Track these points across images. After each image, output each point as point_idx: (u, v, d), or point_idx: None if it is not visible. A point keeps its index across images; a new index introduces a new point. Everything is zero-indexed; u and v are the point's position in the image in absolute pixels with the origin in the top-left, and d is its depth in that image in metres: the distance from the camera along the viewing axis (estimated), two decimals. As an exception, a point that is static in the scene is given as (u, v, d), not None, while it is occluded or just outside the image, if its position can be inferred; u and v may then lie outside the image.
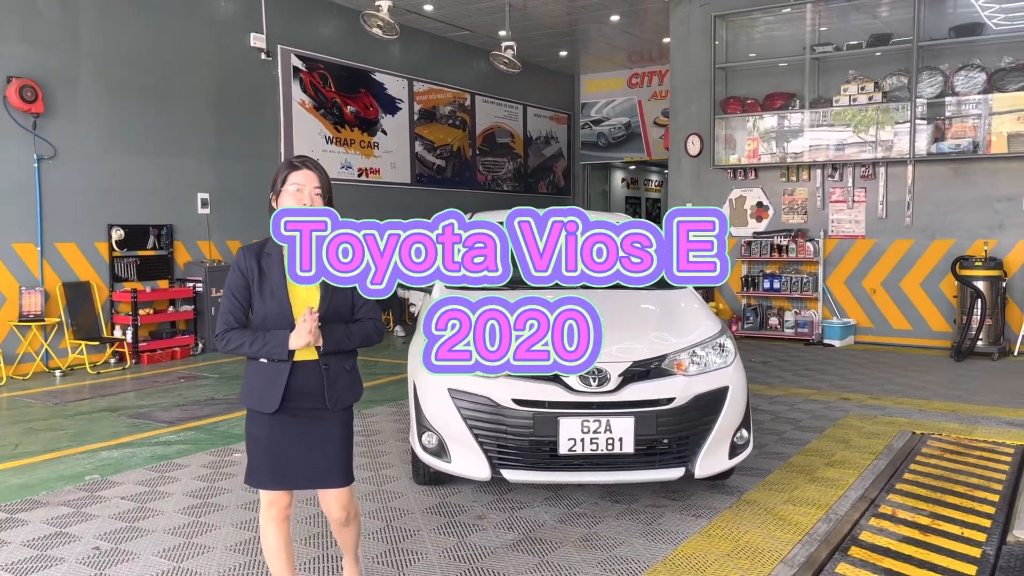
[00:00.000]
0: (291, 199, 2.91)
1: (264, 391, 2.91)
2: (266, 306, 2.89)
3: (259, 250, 2.97)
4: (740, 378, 4.48)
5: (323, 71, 12.12)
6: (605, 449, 4.09)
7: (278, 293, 2.89)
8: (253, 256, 2.95)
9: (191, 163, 10.39)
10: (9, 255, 8.67)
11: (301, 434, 2.95)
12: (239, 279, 2.93)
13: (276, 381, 2.90)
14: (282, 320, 2.88)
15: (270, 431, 2.93)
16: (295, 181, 2.92)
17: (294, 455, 2.95)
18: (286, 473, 2.96)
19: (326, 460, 3.00)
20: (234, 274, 2.95)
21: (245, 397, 2.97)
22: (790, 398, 7.45)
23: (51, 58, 8.93)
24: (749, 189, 11.77)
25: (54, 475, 5.20)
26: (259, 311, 2.92)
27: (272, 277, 2.90)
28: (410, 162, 13.74)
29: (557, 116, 17.70)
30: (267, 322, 2.90)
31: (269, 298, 2.89)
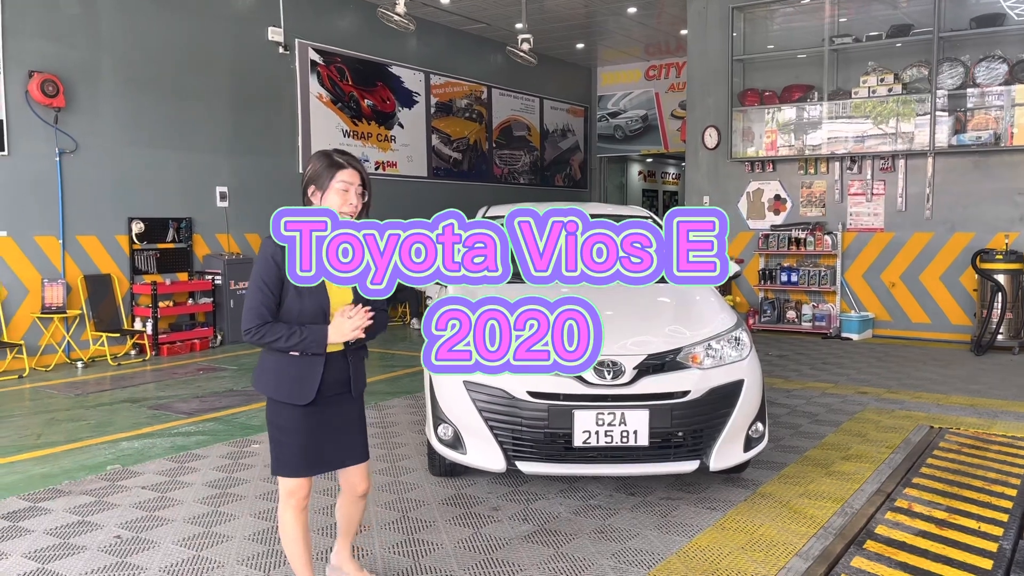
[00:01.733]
0: (338, 197, 2.92)
1: (298, 384, 2.93)
2: (303, 300, 2.88)
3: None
4: (755, 371, 4.48)
5: (340, 64, 12.16)
6: (620, 442, 4.11)
7: (317, 286, 2.88)
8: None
9: (210, 157, 10.47)
10: (31, 248, 8.78)
11: (329, 420, 3.02)
12: (273, 270, 2.86)
13: (311, 374, 2.93)
14: (319, 314, 2.90)
15: (301, 421, 2.96)
16: (343, 179, 2.93)
17: (324, 440, 3.01)
18: (318, 459, 3.03)
19: (352, 439, 3.11)
20: (267, 265, 2.86)
21: (271, 390, 2.96)
22: (807, 392, 7.43)
23: (72, 53, 9.02)
24: (767, 182, 11.72)
25: (76, 465, 5.27)
26: (294, 305, 2.89)
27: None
28: (427, 155, 13.77)
29: (574, 109, 17.67)
30: (303, 316, 2.89)
31: (306, 291, 2.88)
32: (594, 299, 4.94)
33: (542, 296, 3.01)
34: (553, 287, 5.12)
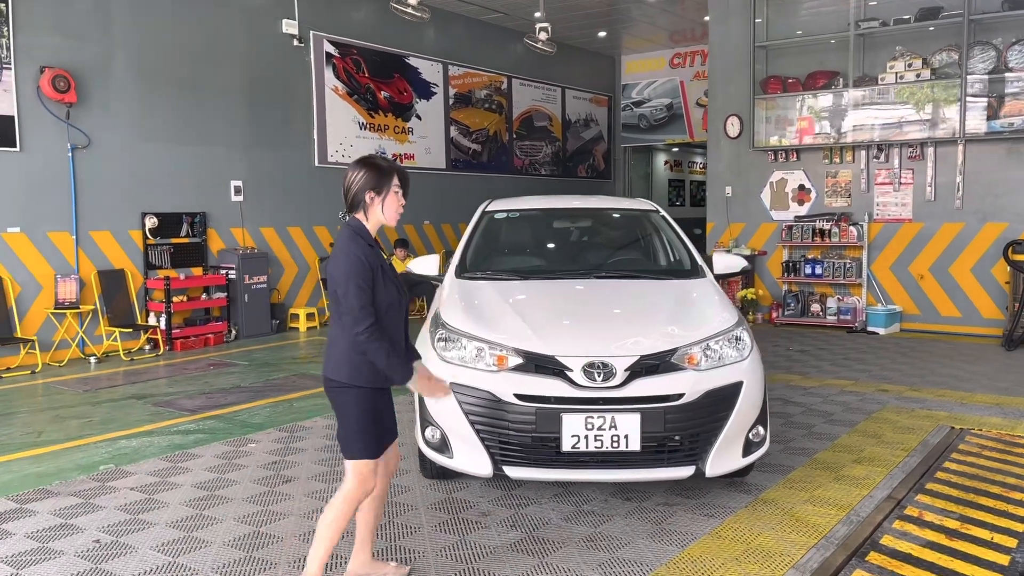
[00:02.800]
0: (395, 199, 3.22)
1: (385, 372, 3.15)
2: (390, 293, 3.13)
3: (365, 243, 3.14)
4: (756, 372, 4.29)
5: (356, 56, 12.06)
6: (610, 446, 3.94)
7: (395, 279, 3.17)
8: (370, 247, 3.13)
9: (224, 151, 10.43)
10: (45, 244, 8.80)
11: (386, 401, 3.28)
12: (367, 271, 3.05)
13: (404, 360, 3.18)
14: (400, 303, 3.18)
15: (373, 404, 3.17)
16: (398, 183, 3.21)
17: (384, 421, 3.26)
18: (381, 438, 3.24)
19: (393, 416, 3.36)
20: (360, 266, 3.04)
21: (369, 379, 3.12)
22: (825, 389, 7.19)
23: (84, 48, 9.01)
24: (791, 171, 11.41)
25: (71, 464, 5.23)
26: (386, 298, 3.11)
27: (386, 265, 3.17)
28: (445, 147, 13.64)
29: (597, 98, 17.42)
30: (391, 307, 3.14)
31: (392, 285, 3.14)
32: (590, 297, 4.79)
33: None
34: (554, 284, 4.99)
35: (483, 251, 5.43)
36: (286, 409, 6.67)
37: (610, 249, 5.63)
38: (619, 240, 5.81)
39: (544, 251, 5.71)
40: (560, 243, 5.84)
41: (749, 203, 11.78)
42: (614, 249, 5.65)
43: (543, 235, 5.86)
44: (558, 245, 5.81)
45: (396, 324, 3.21)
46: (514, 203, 5.92)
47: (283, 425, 6.14)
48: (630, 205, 5.94)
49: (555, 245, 5.80)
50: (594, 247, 5.63)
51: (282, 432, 5.94)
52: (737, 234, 11.91)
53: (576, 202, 6.16)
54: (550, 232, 5.89)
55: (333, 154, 11.75)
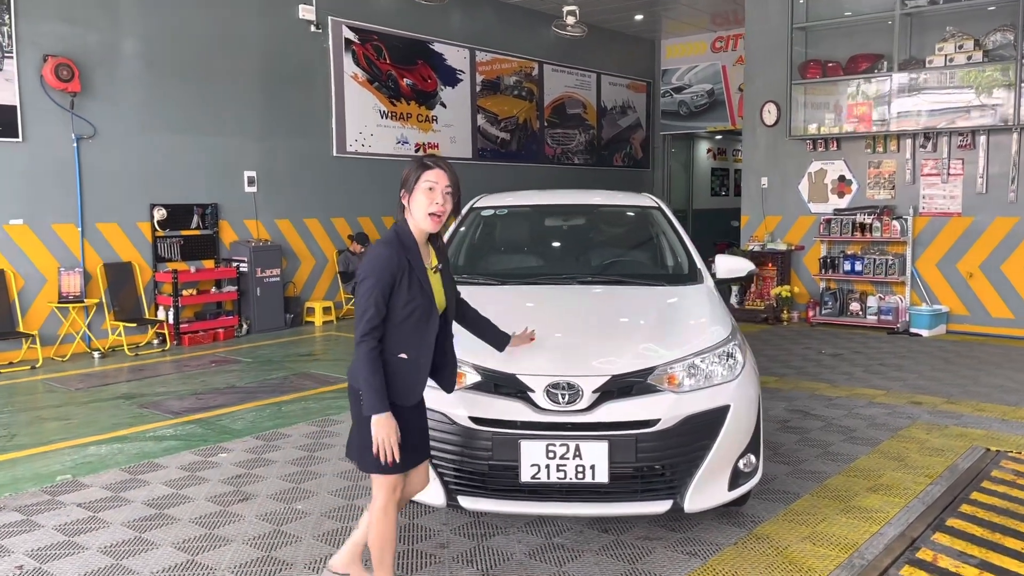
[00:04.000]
0: (424, 197, 2.99)
1: (406, 386, 2.99)
2: (415, 301, 2.95)
3: (401, 246, 2.99)
4: (748, 394, 3.80)
5: (377, 43, 11.70)
6: (574, 478, 3.51)
7: (426, 288, 2.99)
8: (402, 254, 2.97)
9: (237, 140, 10.18)
10: (49, 236, 8.65)
11: (418, 414, 3.11)
12: (389, 279, 2.92)
13: (419, 376, 3.03)
14: (429, 311, 3.00)
15: (400, 417, 2.96)
16: (428, 179, 2.99)
17: (411, 435, 3.05)
18: (411, 454, 3.04)
19: (425, 432, 3.19)
20: (384, 274, 2.91)
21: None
22: (852, 400, 6.63)
23: (89, 36, 8.81)
24: (830, 162, 10.74)
25: (29, 473, 4.99)
26: (407, 306, 2.95)
27: (419, 271, 2.99)
28: (471, 136, 13.23)
29: (635, 84, 16.81)
30: (413, 316, 2.96)
31: (419, 293, 2.97)
32: (567, 306, 4.35)
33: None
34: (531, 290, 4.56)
35: (461, 251, 5.02)
36: (272, 413, 6.37)
37: (601, 251, 5.16)
38: (612, 241, 5.34)
39: (528, 253, 5.27)
40: (547, 244, 5.39)
41: (786, 195, 11.14)
42: (605, 251, 5.18)
43: (530, 234, 5.42)
44: (544, 246, 5.36)
45: (419, 336, 3.02)
46: (504, 199, 5.49)
47: (262, 432, 5.83)
48: (629, 201, 5.45)
49: (541, 246, 5.35)
50: (583, 248, 5.18)
51: (258, 440, 5.62)
52: (773, 228, 11.29)
53: (572, 198, 5.70)
54: (538, 231, 5.45)
55: (352, 143, 11.43)
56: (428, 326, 3.03)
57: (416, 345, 3.02)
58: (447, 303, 3.16)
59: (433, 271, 3.12)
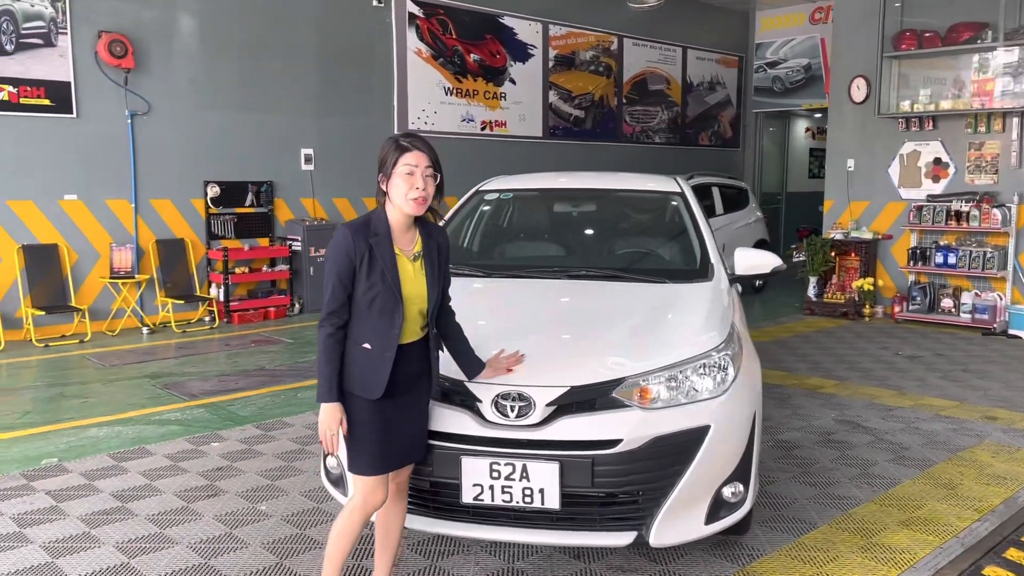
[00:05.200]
0: (403, 182, 2.80)
1: (368, 378, 2.82)
2: (375, 289, 2.79)
3: (366, 229, 2.83)
4: (736, 413, 3.28)
5: (443, 17, 11.36)
6: (521, 502, 3.09)
7: (389, 276, 2.80)
8: (362, 237, 2.80)
9: (293, 118, 10.05)
10: (103, 212, 8.75)
11: (401, 414, 2.92)
12: (345, 262, 2.78)
13: (381, 370, 2.82)
14: (392, 302, 2.81)
15: (375, 415, 2.85)
16: (407, 163, 2.80)
17: (396, 435, 2.90)
18: (390, 455, 2.90)
19: (420, 435, 3.03)
20: (339, 256, 2.79)
21: (346, 380, 2.83)
22: (916, 411, 5.91)
23: (143, 12, 8.81)
24: (925, 142, 9.77)
25: (18, 455, 4.93)
26: (367, 294, 2.80)
27: (383, 258, 2.81)
28: (543, 113, 12.74)
29: (725, 59, 15.91)
30: (375, 305, 2.80)
31: (379, 281, 2.79)
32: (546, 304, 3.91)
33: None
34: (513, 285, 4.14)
35: (457, 239, 4.63)
36: (286, 400, 6.18)
37: (604, 241, 4.68)
38: (619, 230, 4.82)
39: (523, 242, 4.83)
40: (546, 233, 4.93)
41: (874, 178, 10.22)
42: (609, 241, 4.69)
43: (530, 222, 4.98)
44: (543, 235, 4.90)
45: (384, 327, 2.83)
46: (513, 182, 5.06)
47: (266, 420, 5.63)
48: (649, 186, 4.92)
49: (539, 235, 4.90)
50: (585, 238, 4.71)
51: (257, 430, 5.42)
52: (859, 214, 10.40)
53: (588, 182, 5.20)
54: (541, 218, 4.99)
55: (415, 121, 11.16)
56: (392, 318, 2.83)
57: (380, 336, 2.83)
58: (428, 294, 2.92)
59: (412, 259, 2.89)
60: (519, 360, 3.22)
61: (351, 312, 2.83)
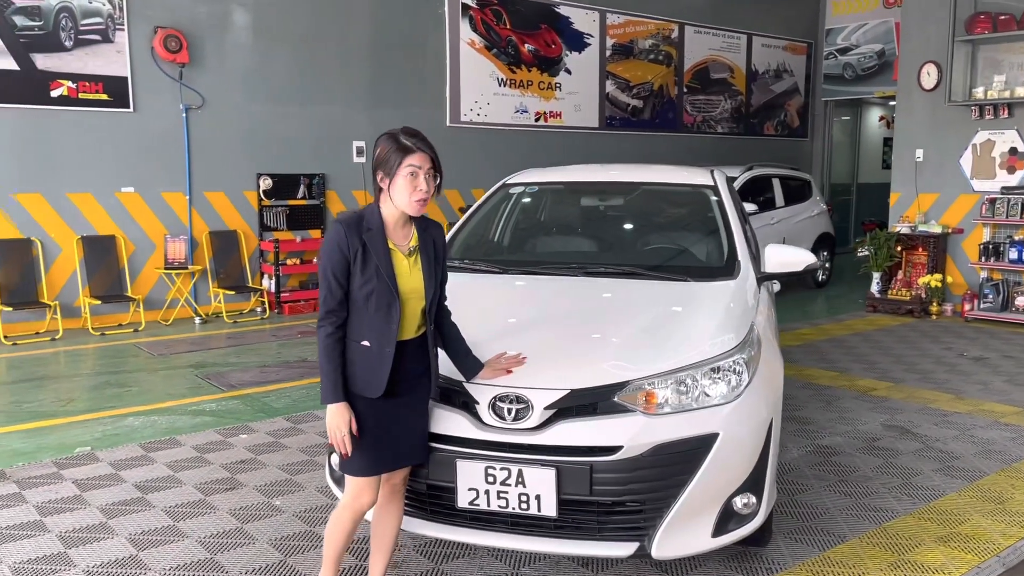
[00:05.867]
0: (407, 183, 2.74)
1: (368, 376, 2.79)
2: (370, 284, 2.75)
3: (359, 225, 2.78)
4: (748, 420, 3.10)
5: (497, 7, 11.25)
6: (518, 508, 2.99)
7: (384, 271, 2.75)
8: (355, 232, 2.75)
9: (346, 110, 10.10)
10: (159, 204, 8.94)
11: (398, 416, 2.87)
12: (339, 258, 2.74)
13: (381, 367, 2.78)
14: (388, 298, 2.76)
15: (371, 416, 2.81)
16: (411, 164, 2.74)
17: (392, 436, 2.87)
18: (385, 456, 2.87)
19: (418, 436, 2.97)
20: (333, 252, 2.74)
21: (353, 383, 2.80)
22: (973, 418, 5.58)
23: (197, 7, 8.95)
24: (1000, 131, 9.24)
25: (55, 443, 5.05)
26: (362, 289, 2.75)
27: (377, 253, 2.76)
28: (599, 104, 12.52)
29: (793, 46, 15.39)
30: (372, 301, 2.75)
31: (374, 276, 2.75)
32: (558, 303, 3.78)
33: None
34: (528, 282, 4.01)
35: (477, 234, 4.54)
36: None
37: (628, 237, 4.51)
38: (645, 225, 4.64)
39: (546, 237, 4.70)
40: (570, 227, 4.78)
41: (944, 169, 9.73)
42: (632, 237, 4.52)
43: (555, 216, 4.84)
44: (567, 230, 4.76)
45: (382, 324, 2.78)
46: (541, 175, 4.93)
47: (297, 413, 5.65)
48: (681, 179, 4.73)
49: (563, 230, 4.76)
50: (608, 234, 4.55)
51: (287, 422, 5.44)
52: (927, 207, 9.91)
53: (616, 174, 5.02)
54: (566, 213, 4.85)
55: (467, 112, 11.10)
56: (389, 313, 2.77)
57: (378, 333, 2.78)
58: (425, 289, 2.87)
59: (408, 254, 2.84)
60: (520, 362, 3.11)
61: (349, 310, 2.78)
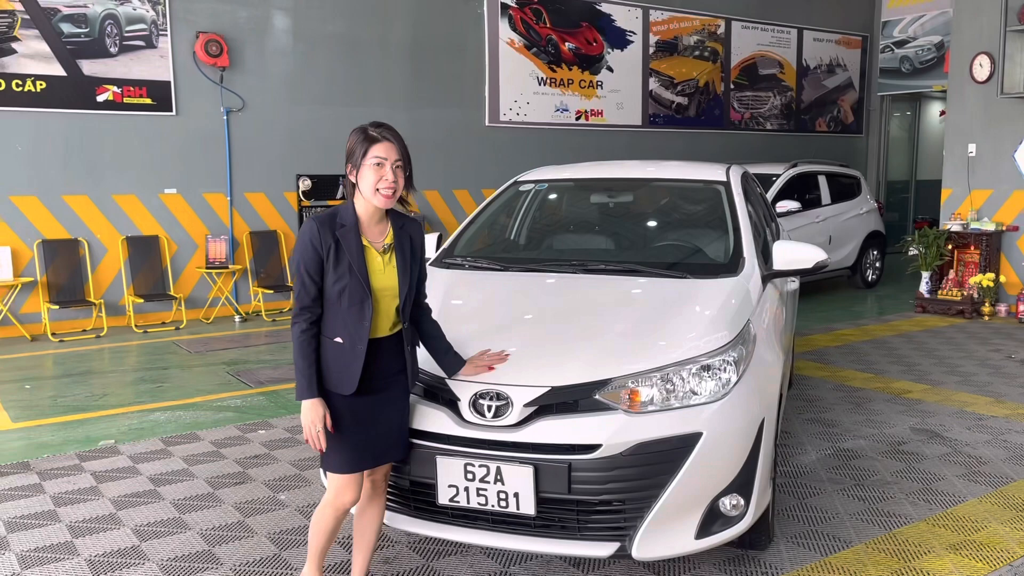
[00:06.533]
0: (372, 173, 2.75)
1: (341, 373, 2.79)
2: (343, 281, 2.75)
3: (332, 221, 2.79)
4: (735, 420, 3.02)
5: (537, 6, 11.23)
6: (496, 505, 2.97)
7: (356, 267, 2.76)
8: (328, 229, 2.76)
9: (384, 111, 10.16)
10: (201, 205, 9.15)
11: (377, 413, 2.87)
12: (312, 255, 2.74)
13: (353, 364, 2.78)
14: (361, 295, 2.76)
15: (349, 413, 2.82)
16: (376, 154, 2.74)
17: (371, 433, 2.86)
18: (364, 454, 2.87)
19: (398, 433, 2.97)
20: (306, 250, 2.75)
21: (329, 380, 2.81)
22: (1010, 422, 5.35)
23: (239, 11, 9.14)
24: (1056, 124, 8.86)
25: (81, 436, 5.20)
26: (335, 286, 2.76)
27: (349, 250, 2.76)
28: (642, 101, 12.39)
29: (847, 39, 15.00)
30: (344, 298, 2.76)
31: (347, 273, 2.75)
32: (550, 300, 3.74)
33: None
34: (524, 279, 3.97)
35: (483, 232, 4.53)
36: (345, 390, 6.25)
37: (632, 233, 4.44)
38: (651, 222, 4.56)
39: (550, 235, 4.64)
40: (574, 225, 4.73)
41: (998, 165, 9.37)
42: (638, 233, 4.45)
43: (562, 214, 4.80)
44: (571, 227, 4.71)
45: (355, 320, 2.78)
46: (552, 172, 4.90)
47: (318, 410, 5.71)
48: (692, 175, 4.64)
49: (568, 227, 4.71)
50: (612, 231, 4.48)
51: (306, 418, 5.50)
52: (980, 204, 9.56)
53: (628, 171, 4.95)
54: (573, 210, 4.80)
55: (506, 112, 11.11)
56: (362, 310, 2.78)
57: (351, 330, 2.78)
58: (400, 287, 2.85)
59: (382, 251, 2.83)
60: (503, 359, 3.09)
61: (324, 307, 2.79)
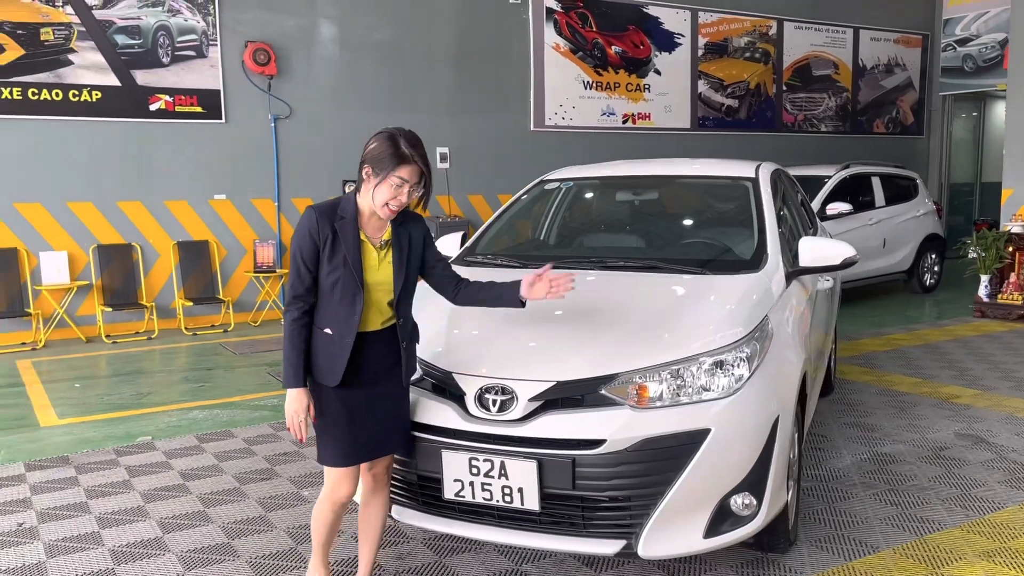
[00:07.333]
0: (389, 191, 2.73)
1: (328, 365, 2.79)
2: (337, 273, 2.75)
3: (332, 212, 2.80)
4: (746, 416, 2.95)
5: (582, 10, 11.20)
6: (501, 500, 2.94)
7: (351, 260, 2.75)
8: (327, 220, 2.77)
9: (429, 117, 10.28)
10: (249, 210, 9.35)
11: (370, 406, 2.86)
12: (309, 244, 2.76)
13: (340, 356, 2.78)
14: (353, 287, 2.76)
15: (342, 406, 2.82)
16: (401, 175, 2.73)
17: (365, 427, 2.86)
18: (358, 447, 2.86)
19: (395, 427, 2.96)
20: (303, 239, 2.76)
21: (319, 372, 2.83)
22: (1062, 427, 5.12)
23: (286, 21, 9.33)
24: (1124, 120, 8.47)
25: (120, 432, 5.34)
26: (329, 277, 2.76)
27: (346, 242, 2.76)
28: (691, 104, 12.25)
29: (906, 38, 14.61)
30: (336, 290, 2.76)
31: (341, 265, 2.75)
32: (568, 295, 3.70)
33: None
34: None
35: (507, 229, 4.51)
36: (381, 390, 6.31)
37: (656, 230, 4.37)
38: (675, 219, 4.49)
39: (574, 233, 4.61)
40: (598, 223, 4.69)
41: (1061, 163, 9.01)
42: (661, 230, 4.38)
43: (586, 211, 4.75)
44: (595, 225, 4.66)
45: (345, 313, 2.78)
46: (579, 171, 4.87)
47: (351, 409, 5.76)
48: (720, 171, 4.56)
49: (592, 225, 4.67)
50: (636, 228, 4.42)
51: (338, 418, 5.56)
52: (1043, 204, 9.20)
53: (655, 168, 4.87)
54: (599, 208, 4.75)
55: (552, 117, 11.10)
56: (353, 303, 2.78)
57: (340, 322, 2.79)
58: (394, 283, 2.84)
59: (379, 247, 2.84)
60: (569, 280, 3.05)
61: (318, 297, 2.80)
